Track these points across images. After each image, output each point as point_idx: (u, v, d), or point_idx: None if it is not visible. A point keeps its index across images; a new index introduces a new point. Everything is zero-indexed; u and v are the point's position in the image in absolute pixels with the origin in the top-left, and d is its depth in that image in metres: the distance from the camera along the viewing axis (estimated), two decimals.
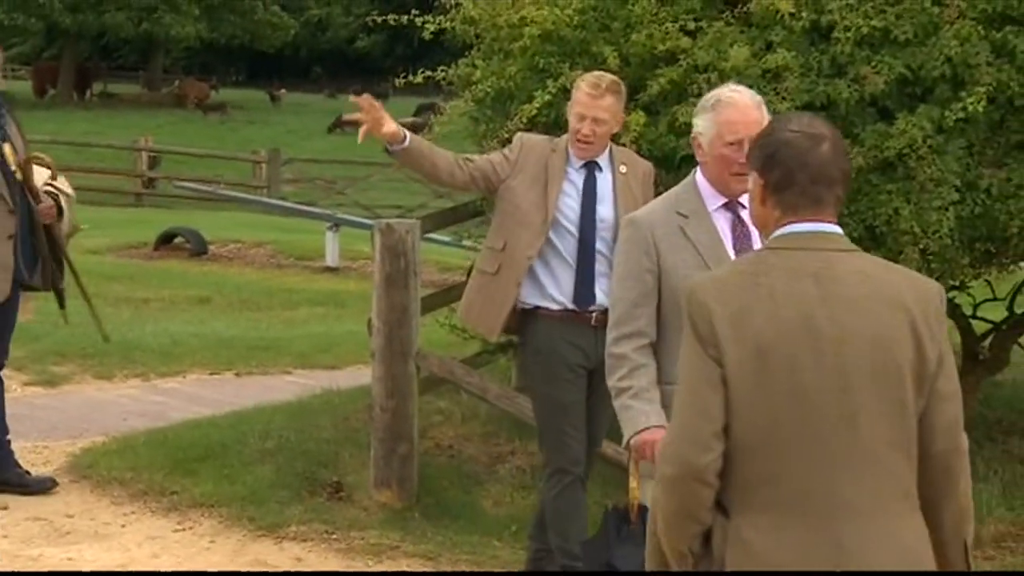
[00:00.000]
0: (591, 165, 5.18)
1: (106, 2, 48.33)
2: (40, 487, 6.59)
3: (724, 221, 3.95)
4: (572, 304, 5.13)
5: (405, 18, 6.54)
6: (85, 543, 5.95)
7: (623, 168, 5.18)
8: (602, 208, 5.14)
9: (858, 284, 2.67)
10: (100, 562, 5.71)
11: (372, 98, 5.17)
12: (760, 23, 5.80)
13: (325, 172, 29.74)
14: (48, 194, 6.54)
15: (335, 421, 7.33)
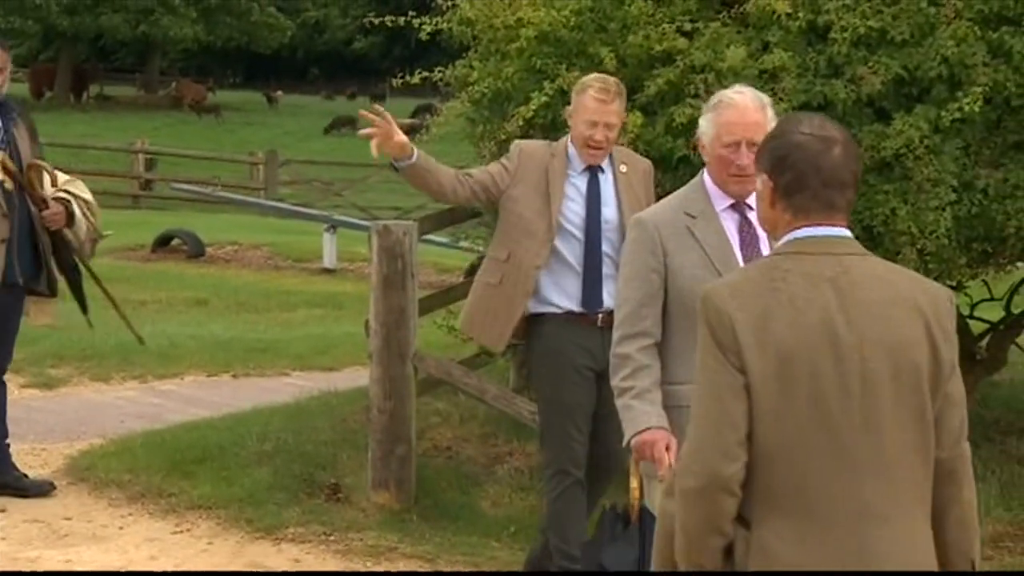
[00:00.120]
0: (593, 167, 5.16)
1: (103, 4, 48.32)
2: (38, 491, 6.58)
3: (731, 222, 3.93)
4: (579, 308, 5.12)
5: (402, 19, 6.56)
6: (83, 545, 5.95)
7: (623, 167, 5.17)
8: (606, 210, 5.13)
9: (875, 288, 2.63)
10: (98, 564, 5.71)
11: (382, 109, 5.13)
12: (757, 23, 5.81)
13: (322, 174, 29.74)
14: (59, 200, 6.46)
15: (333, 423, 7.32)
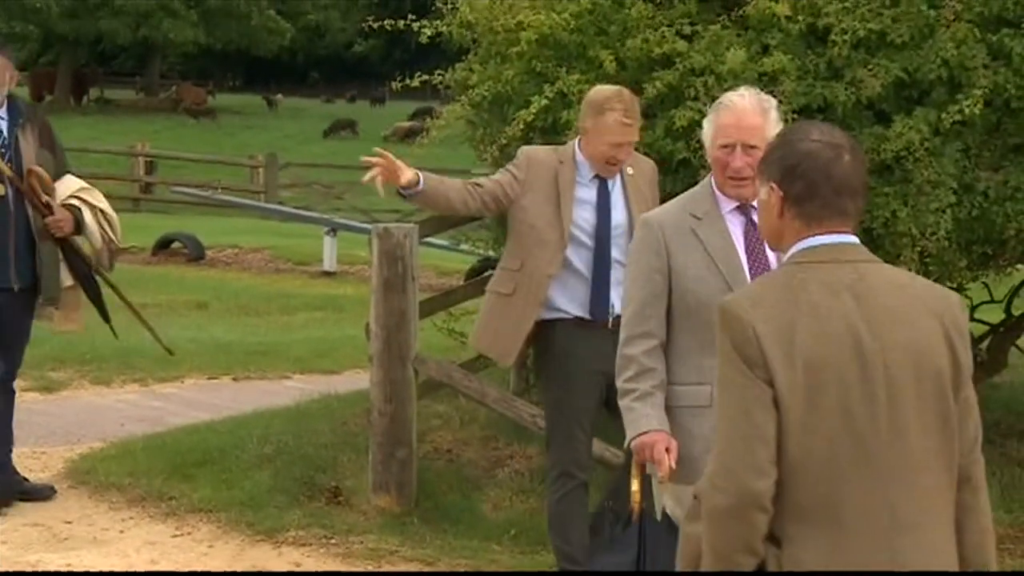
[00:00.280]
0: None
1: (103, 8, 48.29)
2: (39, 495, 6.58)
3: (737, 224, 3.92)
4: (587, 315, 5.11)
5: (402, 23, 6.55)
6: (83, 549, 5.95)
7: (630, 170, 5.15)
8: (616, 214, 5.11)
9: (892, 294, 2.61)
10: (98, 567, 5.70)
11: (385, 152, 5.10)
12: (756, 26, 5.80)
13: (323, 176, 29.69)
14: (67, 207, 6.41)
15: (333, 426, 7.32)
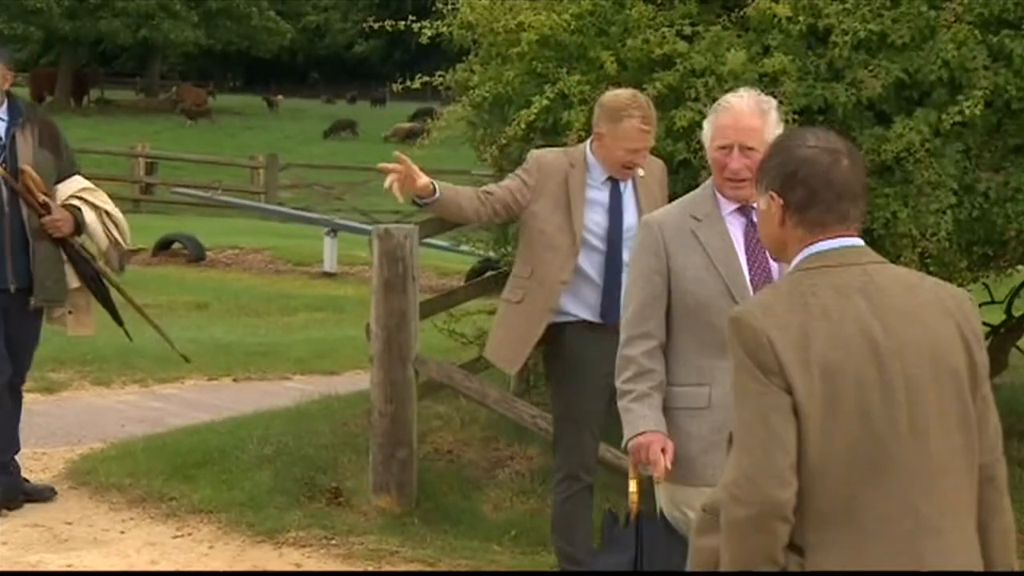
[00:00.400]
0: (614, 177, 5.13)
1: (103, 9, 48.32)
2: (39, 496, 6.58)
3: (737, 226, 3.91)
4: (597, 318, 5.09)
5: (403, 23, 6.55)
6: (84, 549, 5.95)
7: (641, 172, 5.11)
8: (628, 217, 5.08)
9: (903, 294, 2.58)
10: (99, 568, 5.70)
11: (403, 156, 5.07)
12: (757, 27, 5.81)
13: (323, 177, 29.72)
14: (67, 207, 6.36)
15: (334, 426, 7.32)
